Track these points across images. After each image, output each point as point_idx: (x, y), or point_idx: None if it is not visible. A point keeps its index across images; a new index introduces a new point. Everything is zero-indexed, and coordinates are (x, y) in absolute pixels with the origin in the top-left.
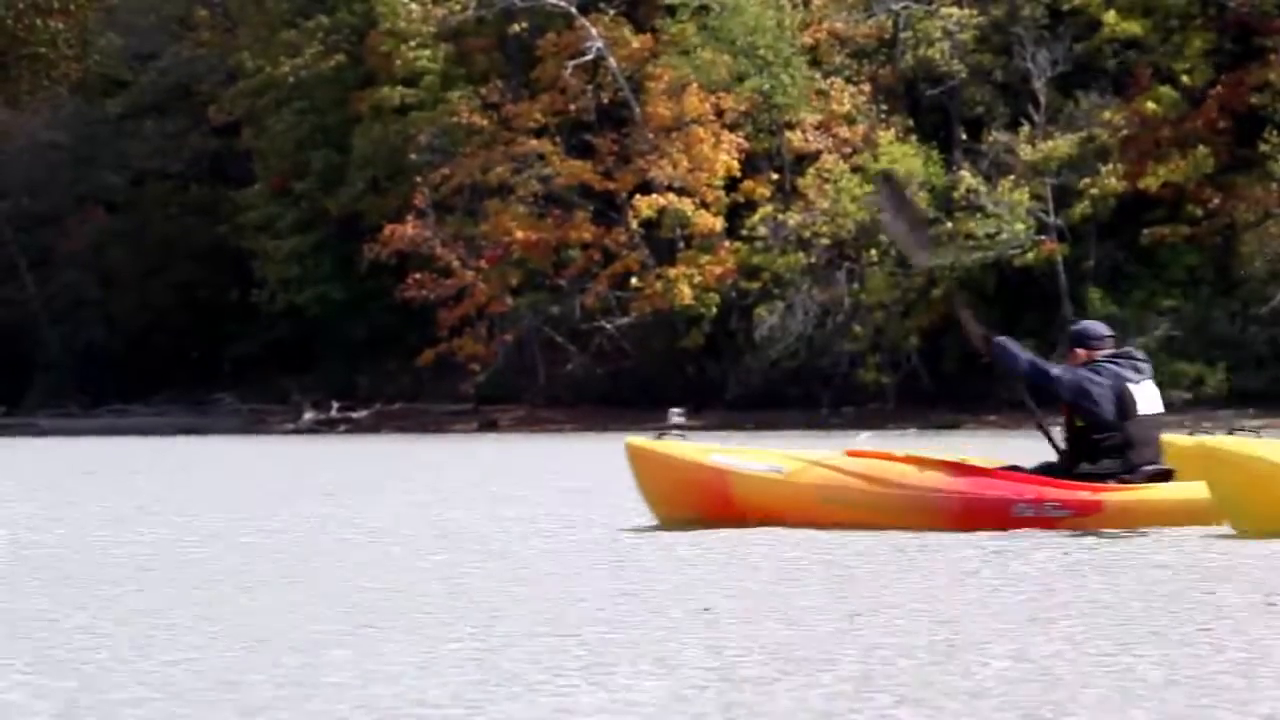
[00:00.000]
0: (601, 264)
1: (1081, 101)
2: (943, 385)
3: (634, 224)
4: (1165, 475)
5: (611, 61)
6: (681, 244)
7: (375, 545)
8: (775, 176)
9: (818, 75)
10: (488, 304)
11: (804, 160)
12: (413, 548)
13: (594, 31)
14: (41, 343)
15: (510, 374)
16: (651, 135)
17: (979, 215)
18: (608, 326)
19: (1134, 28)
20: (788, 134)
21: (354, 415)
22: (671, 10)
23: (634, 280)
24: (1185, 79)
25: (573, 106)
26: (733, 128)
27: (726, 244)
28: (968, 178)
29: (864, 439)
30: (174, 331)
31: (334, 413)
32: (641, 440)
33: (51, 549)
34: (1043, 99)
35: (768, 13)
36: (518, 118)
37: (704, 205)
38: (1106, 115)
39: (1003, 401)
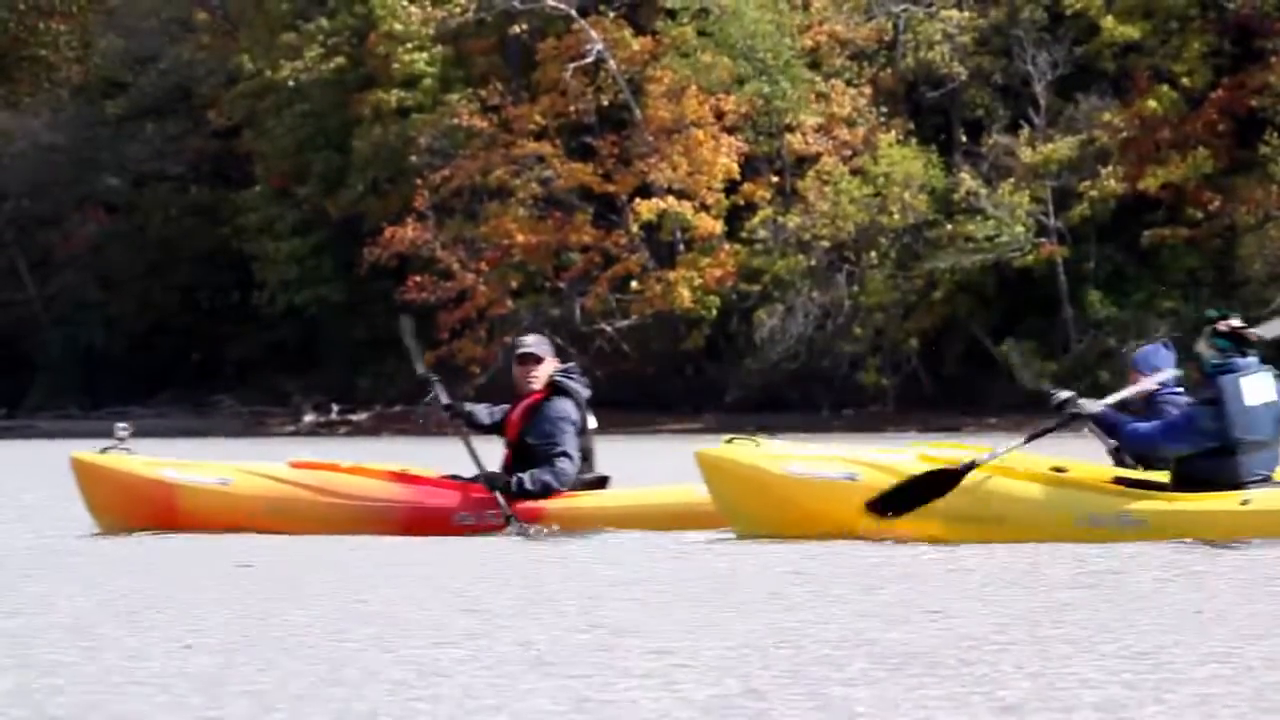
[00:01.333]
0: (601, 266)
1: (1081, 104)
2: (943, 387)
3: (634, 227)
4: (601, 482)
5: (611, 64)
6: (681, 247)
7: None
8: (775, 179)
9: (818, 78)
10: (488, 306)
11: (804, 163)
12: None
13: (594, 34)
14: (41, 344)
15: (510, 377)
16: (651, 138)
17: (979, 217)
18: (608, 329)
19: (1133, 29)
20: (788, 137)
21: (354, 417)
22: (672, 13)
23: (634, 283)
24: (1185, 81)
25: (573, 109)
26: (733, 130)
27: (726, 247)
28: (968, 180)
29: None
30: (174, 333)
31: (334, 415)
32: (86, 454)
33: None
34: (1043, 101)
35: (767, 15)
36: (518, 120)
37: (704, 208)
38: (1106, 117)
39: (1003, 404)
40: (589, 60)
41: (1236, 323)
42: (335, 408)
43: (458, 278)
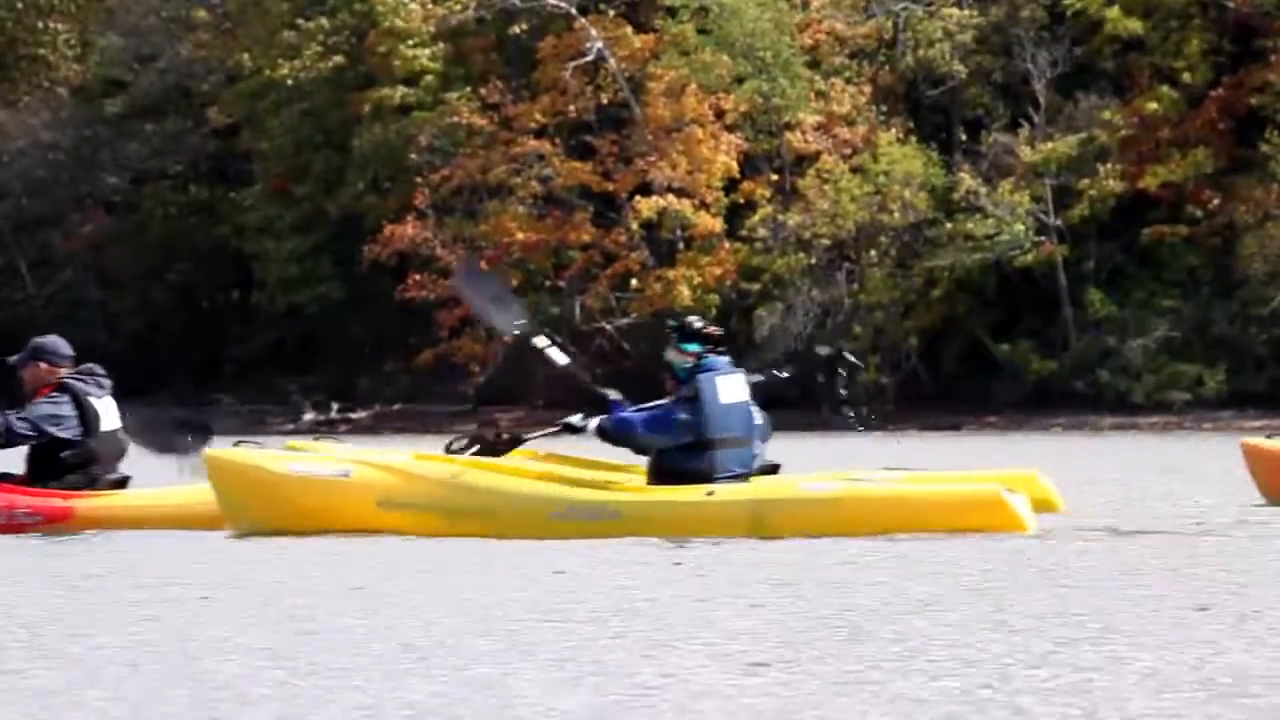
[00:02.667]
0: (601, 265)
1: (1081, 102)
2: (942, 386)
3: (634, 225)
4: (123, 483)
5: (611, 62)
6: (681, 245)
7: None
8: (775, 177)
9: (817, 76)
10: None
11: (804, 161)
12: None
13: (594, 32)
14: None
15: (510, 375)
16: (651, 136)
17: (979, 216)
18: (607, 327)
19: (1134, 28)
20: (787, 135)
21: (353, 416)
22: (672, 11)
23: (634, 281)
24: (1185, 80)
25: (572, 107)
26: (732, 129)
27: (726, 245)
28: (967, 179)
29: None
30: (174, 332)
31: (334, 414)
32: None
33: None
34: (1042, 100)
35: (767, 14)
36: (518, 118)
37: (704, 206)
38: (1106, 116)
39: (1003, 403)
40: (589, 58)
41: (699, 324)
42: (335, 406)
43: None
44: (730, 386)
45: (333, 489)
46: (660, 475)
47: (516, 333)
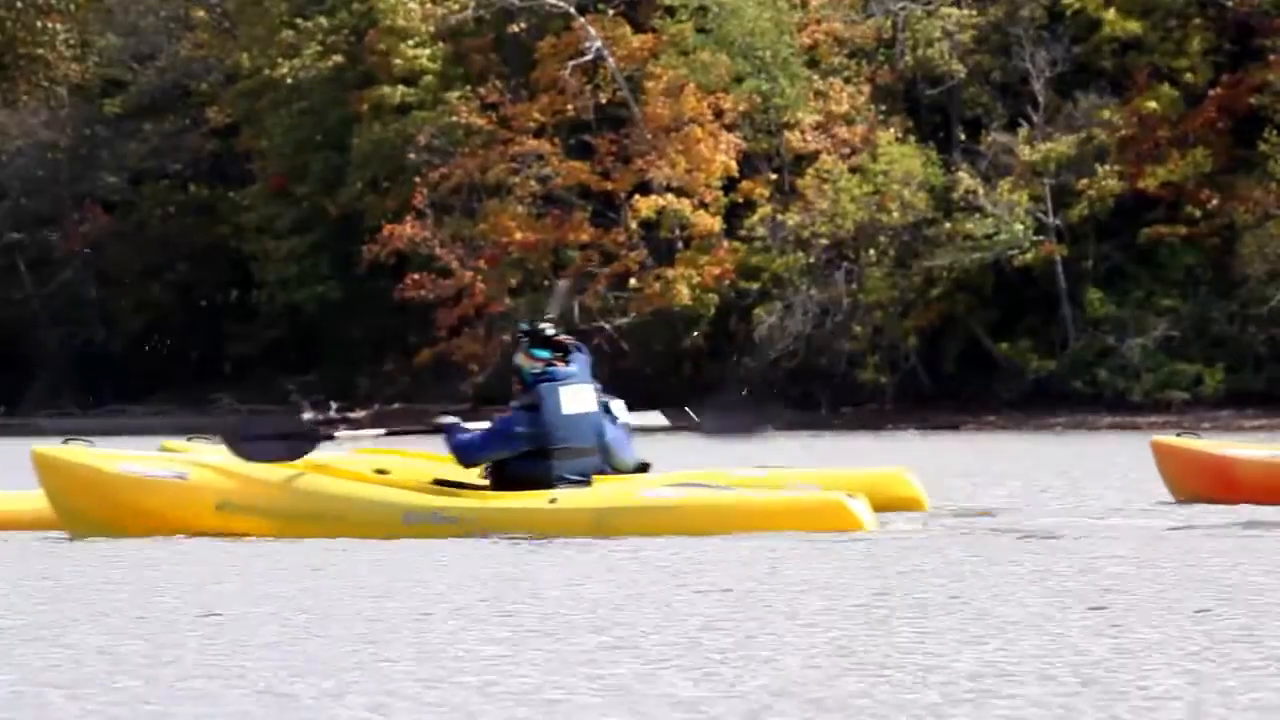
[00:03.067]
0: (600, 264)
1: (1080, 101)
2: (941, 385)
3: (633, 224)
4: None
5: (610, 62)
6: (680, 244)
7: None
8: (774, 177)
9: (816, 76)
10: (486, 304)
11: (803, 160)
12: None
13: (593, 31)
14: (40, 343)
15: (509, 374)
16: (650, 135)
17: (977, 216)
18: (606, 327)
19: (1133, 27)
20: (786, 134)
21: (352, 415)
22: (670, 10)
23: (633, 281)
24: (1184, 79)
25: (571, 107)
26: (731, 128)
27: (725, 244)
28: (966, 178)
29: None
30: (173, 331)
31: (333, 413)
32: None
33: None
34: (1041, 99)
35: (766, 13)
36: (517, 118)
37: (703, 205)
38: (1105, 115)
39: (1002, 402)
40: (588, 58)
41: (551, 331)
42: (333, 406)
43: (456, 275)
44: (575, 396)
45: (168, 491)
46: (499, 481)
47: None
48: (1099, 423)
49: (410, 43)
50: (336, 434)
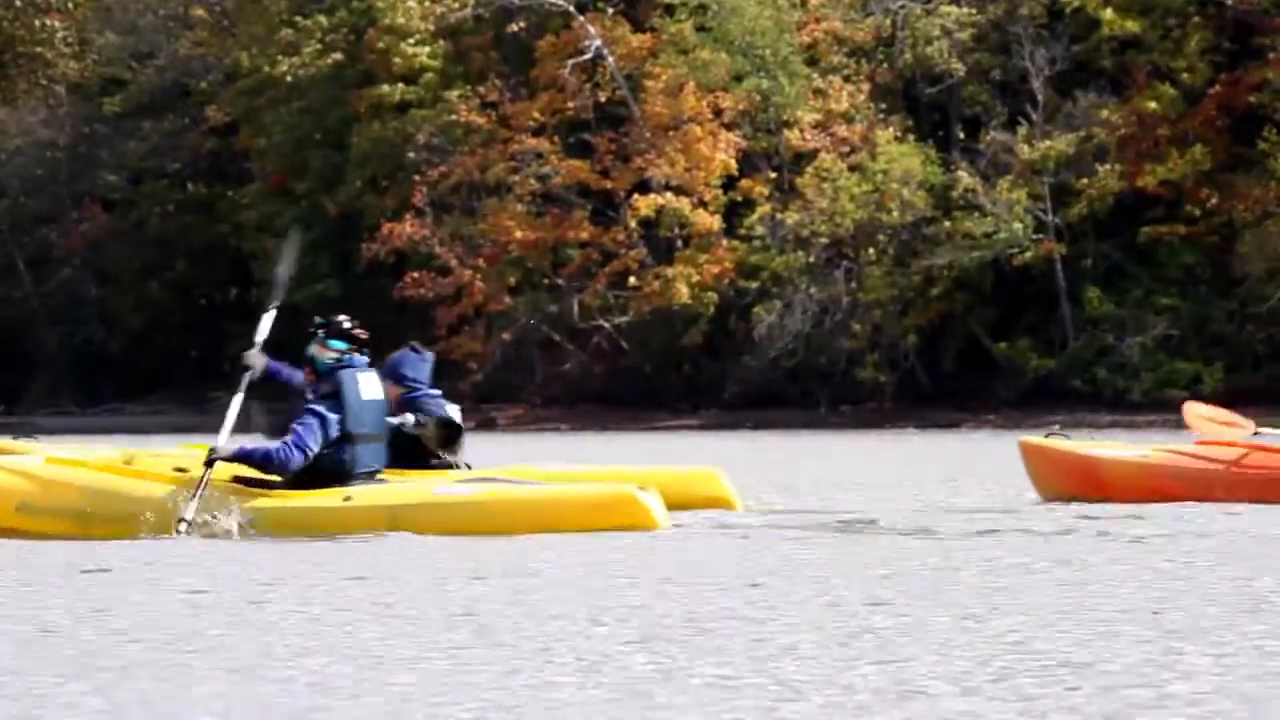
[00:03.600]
0: (599, 263)
1: (1080, 100)
2: (940, 384)
3: (632, 223)
4: None
5: (610, 60)
6: (680, 243)
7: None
8: (773, 175)
9: (816, 74)
10: (486, 303)
11: (802, 159)
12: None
13: (592, 30)
14: (39, 342)
15: (508, 373)
16: (649, 134)
17: (977, 214)
18: (606, 326)
19: (1132, 26)
20: (786, 133)
21: None
22: (670, 9)
23: (632, 279)
24: (1183, 78)
25: (571, 105)
26: (731, 127)
27: (724, 243)
28: (966, 177)
29: None
30: (172, 330)
31: None
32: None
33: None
34: (1041, 98)
35: (766, 12)
36: (516, 116)
37: (702, 204)
38: (1104, 114)
39: (1001, 401)
40: (587, 57)
41: (348, 324)
42: None
43: (455, 274)
44: (369, 384)
45: None
46: (299, 477)
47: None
48: (1099, 421)
49: (410, 41)
50: None
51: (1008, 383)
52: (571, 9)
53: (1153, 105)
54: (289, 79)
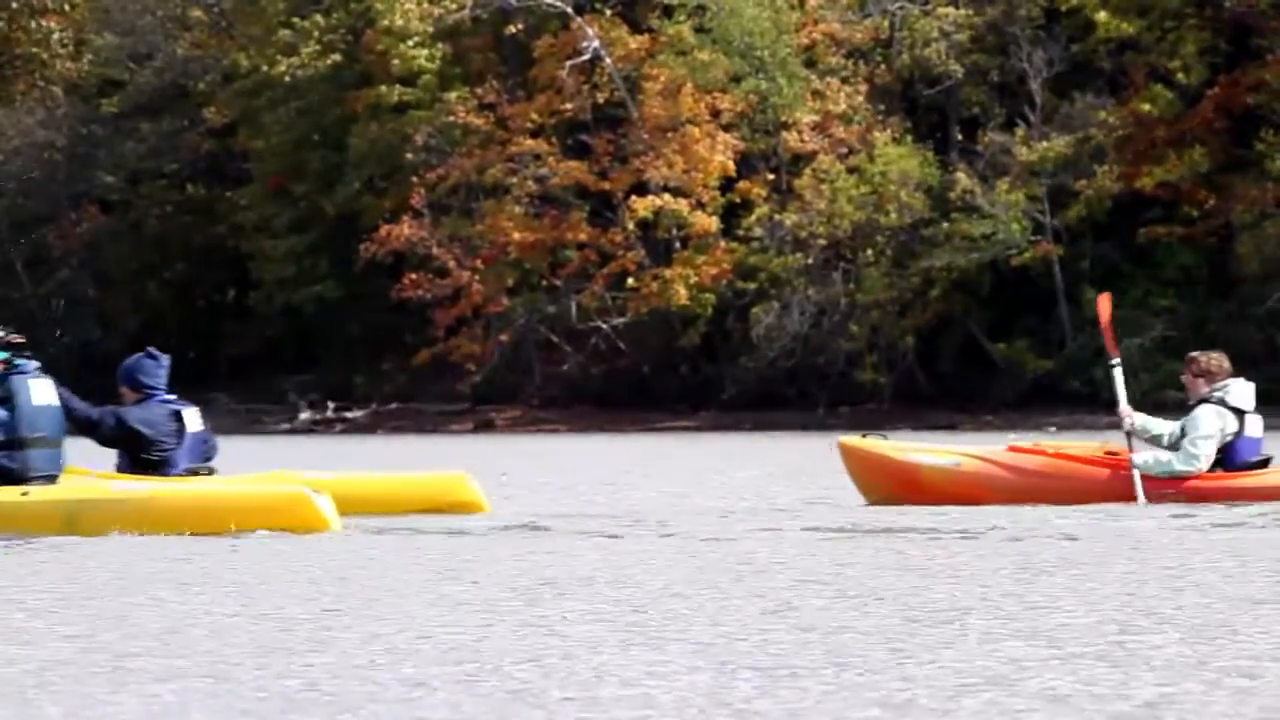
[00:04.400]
0: (598, 264)
1: (1077, 101)
2: (939, 385)
3: (630, 224)
4: None
5: (608, 62)
6: (678, 244)
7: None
8: (771, 177)
9: (814, 76)
10: (484, 304)
11: (800, 160)
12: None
13: (590, 32)
14: (37, 342)
15: (506, 374)
16: (648, 135)
17: (975, 216)
18: (604, 327)
19: (1129, 27)
20: (784, 134)
21: (350, 415)
22: (668, 11)
23: (630, 280)
24: (1181, 79)
25: (569, 107)
26: (729, 128)
27: (723, 244)
28: (964, 178)
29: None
30: (170, 331)
31: (330, 412)
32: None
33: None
34: (1039, 99)
35: (765, 13)
36: (514, 118)
37: (700, 205)
38: (1102, 115)
39: (999, 402)
40: (585, 58)
41: (2, 333)
42: (331, 405)
43: (454, 275)
44: (41, 390)
45: None
46: None
47: None
48: (1097, 422)
49: (408, 42)
50: None
51: (1006, 384)
52: (569, 10)
53: (1150, 107)
54: (287, 80)
